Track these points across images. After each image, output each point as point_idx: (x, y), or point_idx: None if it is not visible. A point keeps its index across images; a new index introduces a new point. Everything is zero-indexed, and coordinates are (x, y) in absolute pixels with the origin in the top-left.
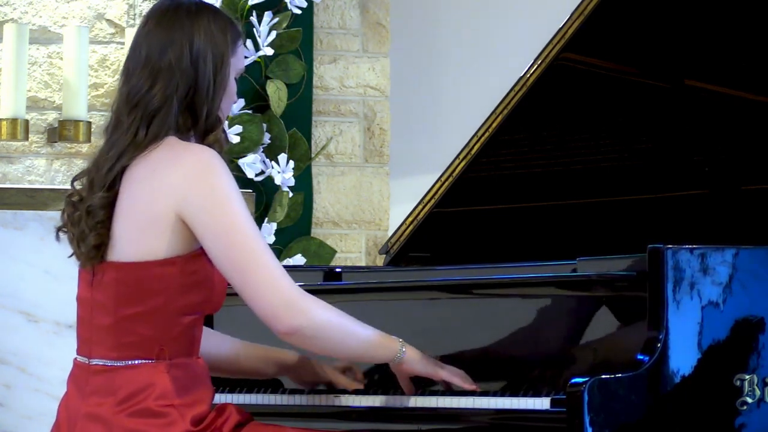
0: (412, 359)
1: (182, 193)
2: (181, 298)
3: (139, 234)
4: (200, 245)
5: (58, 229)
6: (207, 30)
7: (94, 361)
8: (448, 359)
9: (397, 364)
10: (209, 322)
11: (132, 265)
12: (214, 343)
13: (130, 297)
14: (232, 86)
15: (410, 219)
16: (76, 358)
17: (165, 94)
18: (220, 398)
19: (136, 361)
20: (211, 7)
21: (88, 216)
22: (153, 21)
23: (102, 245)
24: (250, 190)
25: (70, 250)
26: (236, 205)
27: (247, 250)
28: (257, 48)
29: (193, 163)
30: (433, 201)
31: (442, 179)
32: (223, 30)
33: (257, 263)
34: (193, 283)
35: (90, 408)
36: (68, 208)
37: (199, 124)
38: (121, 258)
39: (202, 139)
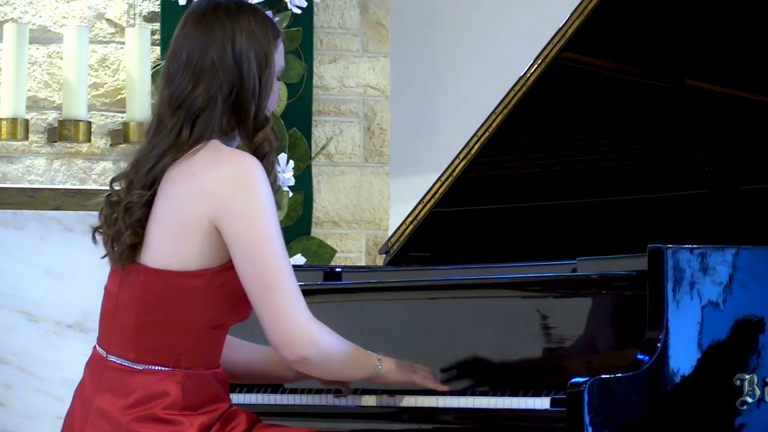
0: (388, 371)
1: (219, 199)
2: (205, 311)
3: (173, 239)
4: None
5: (95, 230)
6: (248, 28)
7: (111, 358)
8: (447, 359)
9: (375, 378)
10: None
11: (160, 272)
12: (231, 351)
13: (154, 304)
14: (276, 84)
15: (410, 219)
16: (95, 346)
17: (209, 94)
18: None
19: (152, 367)
20: (249, 5)
21: (126, 213)
22: (192, 22)
23: (137, 245)
24: None
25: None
26: (271, 219)
27: (275, 269)
28: None
29: (233, 170)
30: (433, 201)
31: (442, 179)
32: (264, 28)
33: (283, 286)
34: (219, 296)
35: (102, 404)
36: (106, 209)
37: (246, 124)
38: (151, 263)
39: (251, 139)
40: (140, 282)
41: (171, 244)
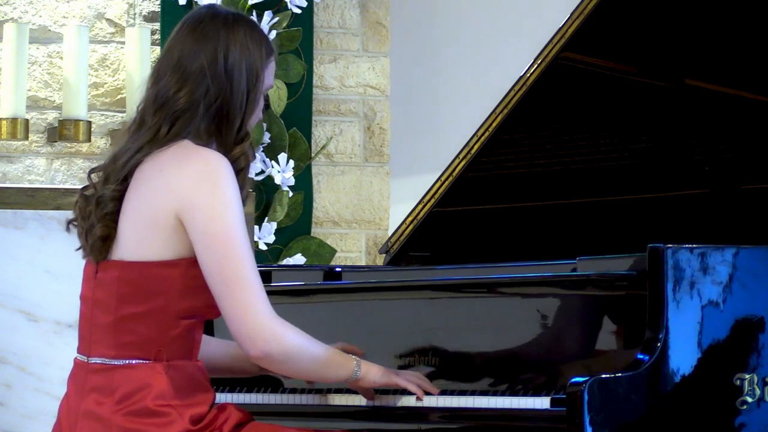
0: (367, 374)
1: (184, 194)
2: (182, 301)
3: (143, 233)
4: None
5: (69, 222)
6: (243, 42)
7: (93, 360)
8: (447, 359)
9: (354, 381)
10: (209, 328)
11: (135, 264)
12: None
13: (132, 296)
14: (260, 102)
15: (410, 218)
16: (76, 357)
17: (192, 97)
18: (220, 398)
19: (134, 361)
20: (248, 19)
21: (98, 207)
22: (188, 27)
23: (108, 238)
24: (250, 190)
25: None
26: (235, 215)
27: (237, 265)
28: None
29: (200, 166)
30: (433, 201)
31: (442, 179)
32: (259, 44)
33: (244, 281)
34: (195, 287)
35: (88, 406)
36: (81, 202)
37: (228, 136)
38: (125, 257)
39: (229, 152)
40: (115, 277)
41: (142, 238)
